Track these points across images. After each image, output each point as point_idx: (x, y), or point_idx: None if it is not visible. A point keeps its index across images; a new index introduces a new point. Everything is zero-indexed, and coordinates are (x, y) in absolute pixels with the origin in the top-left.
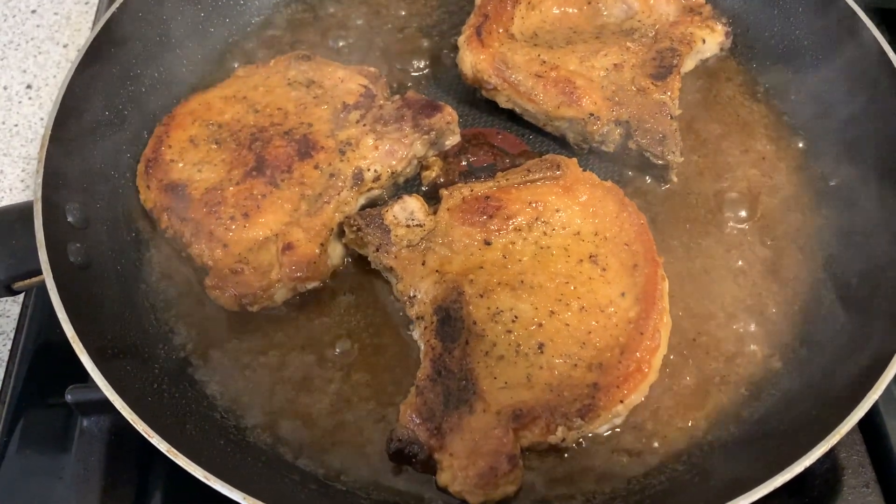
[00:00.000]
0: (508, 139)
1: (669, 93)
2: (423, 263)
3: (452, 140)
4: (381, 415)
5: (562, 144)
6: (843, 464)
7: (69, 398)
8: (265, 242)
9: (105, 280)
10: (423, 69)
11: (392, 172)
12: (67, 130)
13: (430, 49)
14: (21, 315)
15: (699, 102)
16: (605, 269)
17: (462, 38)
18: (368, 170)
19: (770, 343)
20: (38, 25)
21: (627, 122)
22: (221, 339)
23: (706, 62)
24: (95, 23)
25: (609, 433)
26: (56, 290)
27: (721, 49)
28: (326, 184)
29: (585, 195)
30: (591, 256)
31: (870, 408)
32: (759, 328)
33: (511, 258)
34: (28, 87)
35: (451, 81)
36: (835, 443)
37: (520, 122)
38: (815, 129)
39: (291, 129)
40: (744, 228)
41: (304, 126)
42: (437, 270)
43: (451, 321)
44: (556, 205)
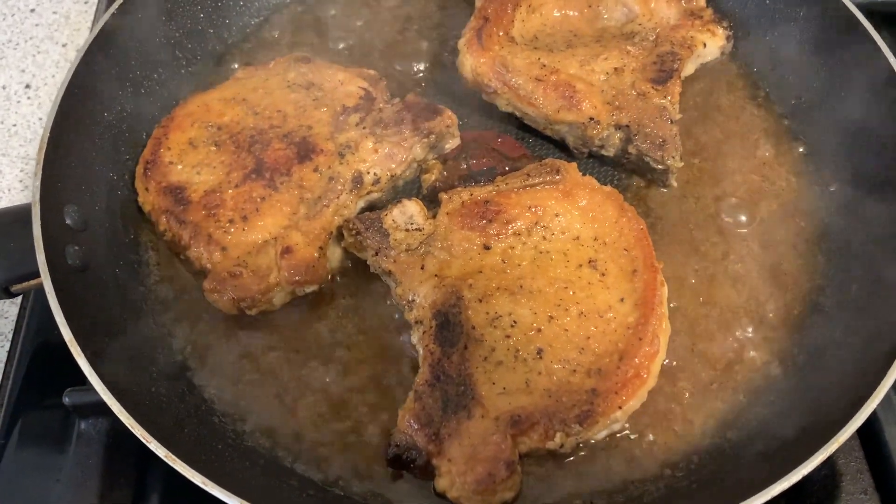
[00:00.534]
0: (508, 143)
1: (670, 97)
2: (422, 268)
3: (452, 143)
4: (380, 420)
5: (561, 148)
6: (842, 470)
7: (67, 401)
8: (264, 246)
9: (103, 283)
10: (423, 71)
11: (391, 176)
12: (66, 132)
13: (431, 51)
14: (19, 316)
15: (699, 106)
16: (605, 275)
17: (462, 42)
18: (368, 173)
19: (769, 349)
20: (37, 24)
21: (627, 127)
22: (219, 343)
23: (706, 66)
24: (94, 23)
25: (607, 439)
26: (54, 293)
27: (722, 53)
28: (326, 187)
29: (585, 200)
30: (591, 261)
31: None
32: (758, 334)
33: (510, 263)
34: (27, 87)
35: (451, 84)
36: (833, 451)
37: (519, 126)
38: (816, 134)
39: (291, 132)
40: (743, 233)
41: (304, 129)
42: (436, 275)
43: (450, 326)
44: (556, 209)
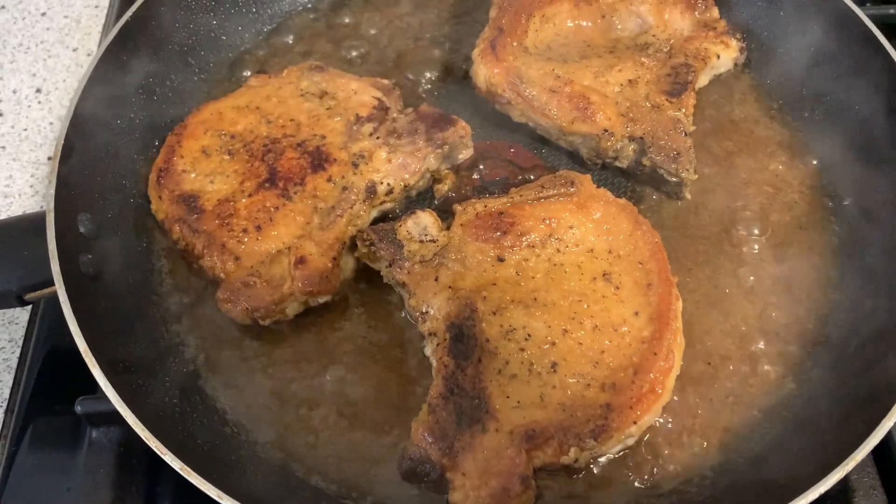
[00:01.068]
0: (521, 153)
1: (684, 109)
2: (436, 279)
3: (465, 154)
4: (393, 432)
5: (575, 159)
6: (854, 486)
7: (79, 409)
8: (277, 255)
9: (116, 291)
10: (436, 80)
11: (405, 186)
12: (80, 140)
13: (443, 60)
14: (30, 322)
15: (713, 118)
16: (619, 288)
17: (476, 52)
18: (381, 183)
19: (783, 363)
20: (48, 28)
21: (641, 139)
22: (232, 353)
23: (720, 78)
24: (105, 27)
25: (622, 453)
26: (69, 303)
27: (735, 65)
28: (339, 197)
29: (599, 212)
30: (605, 274)
31: None
32: (773, 348)
33: (524, 275)
34: (38, 91)
35: (464, 93)
36: (849, 470)
37: (532, 136)
38: (829, 148)
39: (304, 141)
40: (757, 246)
41: (317, 138)
42: (450, 286)
43: (464, 339)
44: (570, 221)
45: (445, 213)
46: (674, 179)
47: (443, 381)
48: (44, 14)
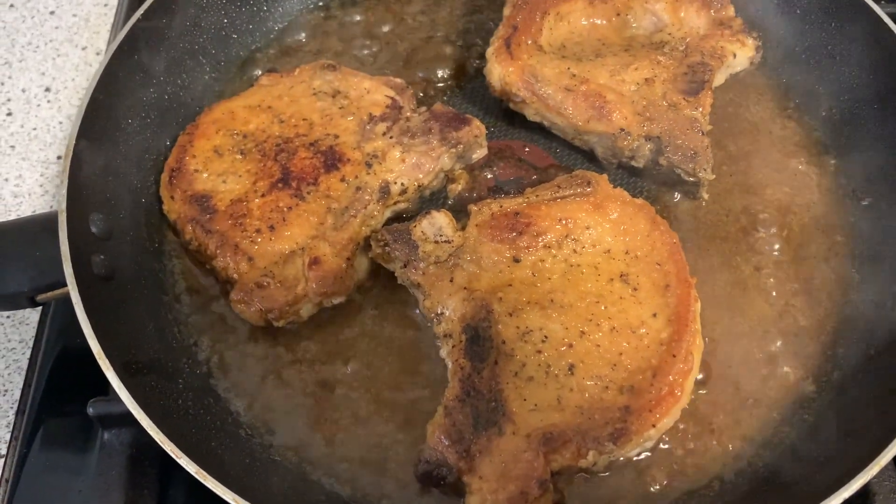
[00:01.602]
0: (535, 152)
1: (701, 108)
2: (451, 280)
3: (479, 153)
4: (408, 434)
5: (590, 159)
6: (875, 489)
7: (91, 411)
8: (291, 256)
9: (128, 292)
10: (449, 79)
11: (419, 186)
12: (91, 140)
13: (456, 58)
14: (41, 323)
15: (729, 118)
16: (637, 289)
17: (490, 50)
18: (395, 183)
19: (803, 365)
20: (57, 27)
21: (658, 138)
22: (245, 354)
23: (736, 76)
24: (116, 28)
25: (640, 457)
26: (81, 305)
27: (751, 63)
28: (353, 197)
29: (616, 212)
30: (622, 275)
31: None
32: (792, 350)
33: (540, 276)
34: (47, 90)
35: (477, 92)
36: (872, 475)
37: (547, 136)
38: (847, 146)
39: (317, 141)
40: (775, 247)
41: (330, 137)
42: (466, 287)
43: (480, 340)
44: (587, 222)
45: (460, 214)
46: (691, 179)
47: (459, 384)
48: (52, 13)
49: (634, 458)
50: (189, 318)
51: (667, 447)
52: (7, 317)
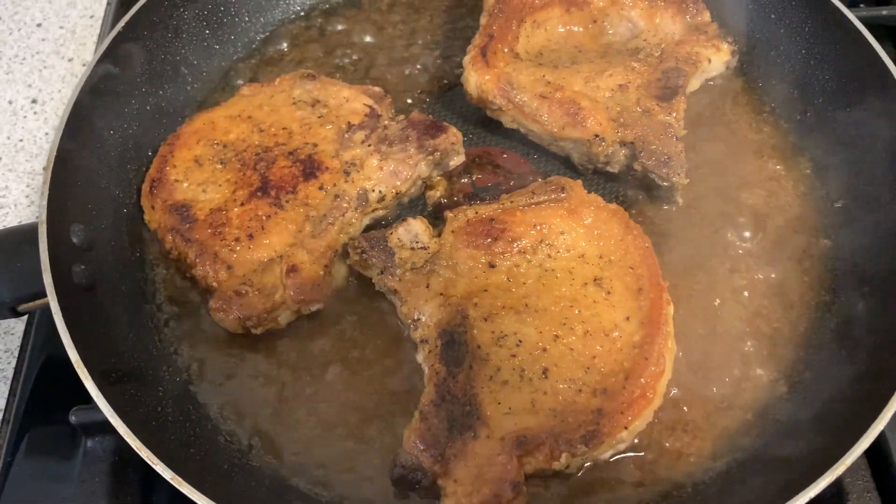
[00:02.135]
0: (513, 159)
1: (675, 114)
2: (428, 286)
3: (457, 160)
4: (385, 439)
5: (567, 165)
6: (848, 489)
7: (73, 419)
8: (269, 264)
9: (109, 301)
10: (428, 87)
11: (396, 193)
12: (73, 151)
13: (436, 67)
14: (25, 332)
15: (705, 122)
16: (610, 293)
17: (467, 59)
18: (373, 191)
19: (776, 367)
20: (44, 39)
21: (632, 144)
22: (225, 361)
23: (712, 81)
24: (100, 38)
25: (613, 459)
26: (60, 314)
27: (727, 68)
28: (331, 205)
29: (590, 218)
30: (596, 279)
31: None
32: (765, 352)
33: (515, 281)
34: (33, 102)
35: (456, 99)
36: (840, 473)
37: (525, 142)
38: (822, 150)
39: (296, 149)
40: (749, 250)
41: (309, 146)
42: (442, 293)
43: (455, 345)
44: (561, 227)
45: (438, 220)
46: (665, 184)
47: (434, 388)
48: (39, 25)
49: (607, 461)
50: (169, 327)
51: (639, 449)
52: None
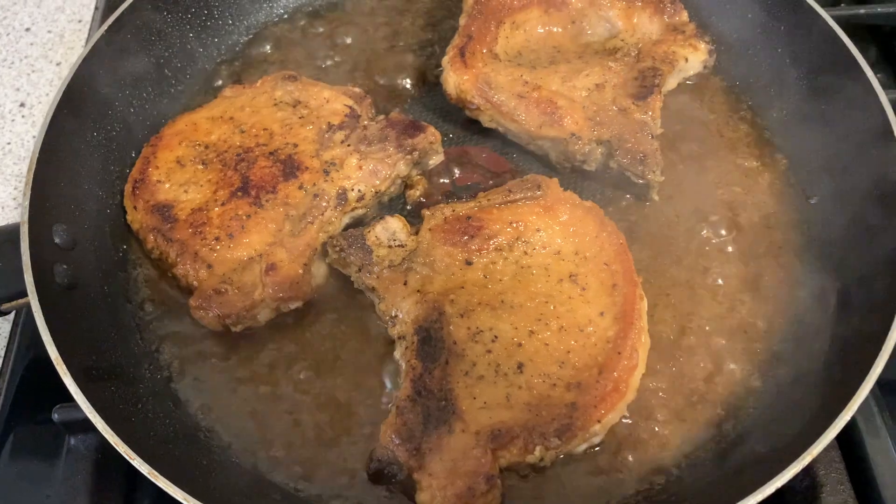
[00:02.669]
0: (493, 158)
1: (650, 112)
2: (405, 283)
3: (436, 159)
4: (364, 434)
5: (545, 163)
6: (822, 481)
7: (56, 417)
8: (249, 263)
9: (92, 300)
10: (410, 88)
11: (376, 192)
12: (56, 152)
13: (417, 68)
14: (11, 332)
15: (683, 120)
16: (585, 289)
17: (446, 59)
18: (352, 190)
19: (749, 361)
20: (32, 44)
21: (609, 142)
22: (206, 359)
23: (690, 80)
24: (87, 44)
25: (588, 452)
26: (41, 313)
27: (704, 67)
28: (310, 204)
29: (566, 215)
30: (571, 276)
31: (848, 426)
32: (738, 346)
33: (492, 278)
34: (21, 106)
35: (438, 100)
36: (805, 464)
37: (504, 141)
38: (798, 147)
39: (277, 150)
40: (724, 246)
41: (290, 146)
42: (419, 290)
43: (432, 341)
44: (537, 224)
45: (418, 219)
46: (641, 182)
47: (410, 384)
48: (28, 29)
49: (582, 454)
50: (151, 325)
51: (614, 442)
52: None
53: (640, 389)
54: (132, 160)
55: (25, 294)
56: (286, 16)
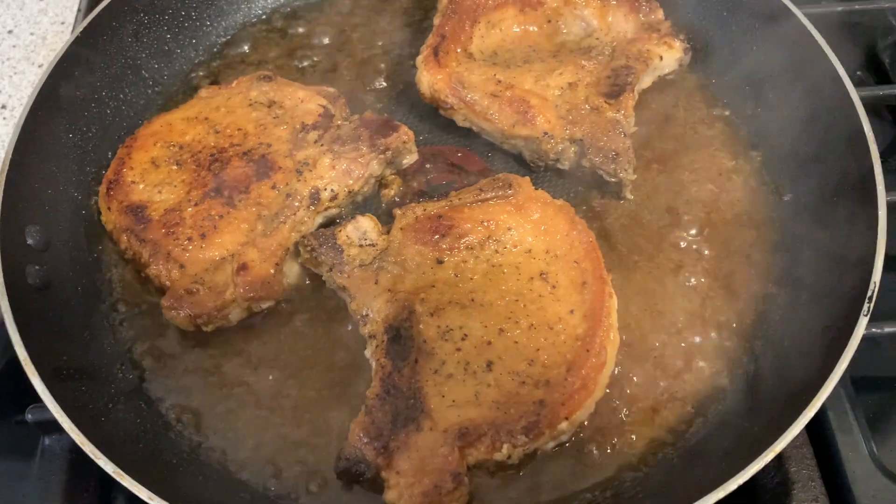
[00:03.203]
0: (468, 157)
1: (623, 111)
2: (376, 282)
3: (410, 159)
4: (334, 433)
5: (520, 162)
6: (794, 478)
7: (29, 417)
8: (221, 263)
9: (64, 301)
10: (387, 87)
11: (349, 192)
12: (30, 153)
13: (395, 67)
14: None
15: (659, 118)
16: (555, 287)
17: (420, 59)
18: (325, 189)
19: (719, 359)
20: (15, 46)
21: (581, 141)
22: (178, 358)
23: (666, 78)
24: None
25: (556, 449)
26: (11, 314)
27: (680, 65)
28: (283, 204)
29: (537, 213)
30: (542, 274)
31: (820, 422)
32: (709, 344)
33: (462, 276)
34: (3, 108)
35: (414, 99)
36: (766, 463)
37: (480, 141)
38: (772, 144)
39: (250, 150)
40: (697, 244)
41: (263, 146)
42: (390, 289)
43: (402, 340)
44: (508, 223)
45: (392, 218)
46: (613, 180)
47: (380, 382)
48: (10, 31)
49: (551, 451)
50: (125, 325)
51: (582, 439)
52: None
53: (609, 386)
54: (109, 161)
55: None
56: (264, 16)
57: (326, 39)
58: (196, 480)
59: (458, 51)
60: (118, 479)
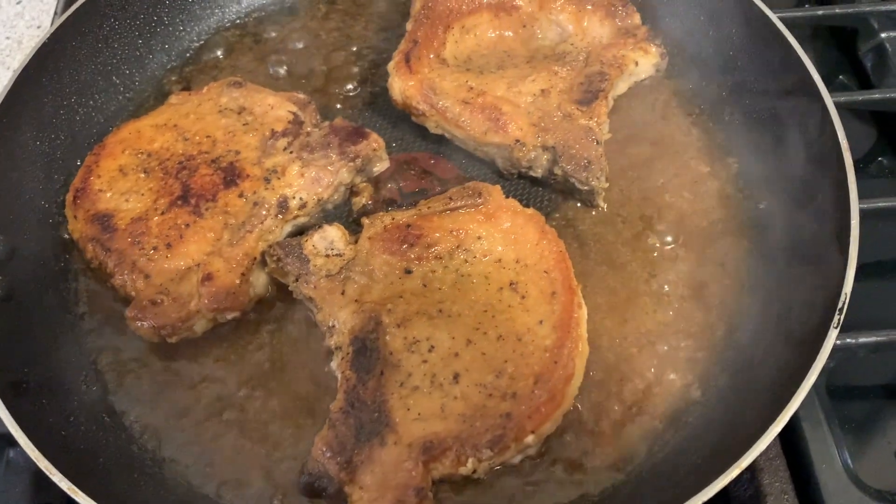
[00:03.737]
0: (441, 164)
1: (596, 118)
2: (343, 293)
3: (381, 166)
4: (300, 447)
5: (494, 170)
6: (766, 490)
7: None
8: (187, 272)
9: (27, 312)
10: (361, 93)
11: (318, 200)
12: None
13: (368, 73)
14: None
15: (634, 125)
16: (525, 297)
17: (391, 64)
18: (294, 197)
19: (691, 371)
20: None
21: (553, 148)
22: (142, 370)
23: (642, 84)
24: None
25: (523, 463)
26: None
27: (657, 71)
28: (250, 212)
29: (508, 222)
30: (512, 284)
31: (793, 433)
32: (680, 355)
33: (431, 287)
34: None
35: (388, 105)
36: (733, 477)
37: (453, 148)
38: (747, 151)
39: (219, 157)
40: (670, 252)
41: (232, 154)
42: (356, 300)
43: (367, 352)
44: (478, 232)
45: (362, 226)
46: (585, 188)
47: (344, 396)
48: None
49: (517, 465)
50: (90, 336)
51: (550, 453)
52: None
53: (578, 399)
54: (77, 169)
55: None
56: (238, 21)
57: (300, 44)
58: (158, 494)
59: (431, 56)
60: (73, 497)
